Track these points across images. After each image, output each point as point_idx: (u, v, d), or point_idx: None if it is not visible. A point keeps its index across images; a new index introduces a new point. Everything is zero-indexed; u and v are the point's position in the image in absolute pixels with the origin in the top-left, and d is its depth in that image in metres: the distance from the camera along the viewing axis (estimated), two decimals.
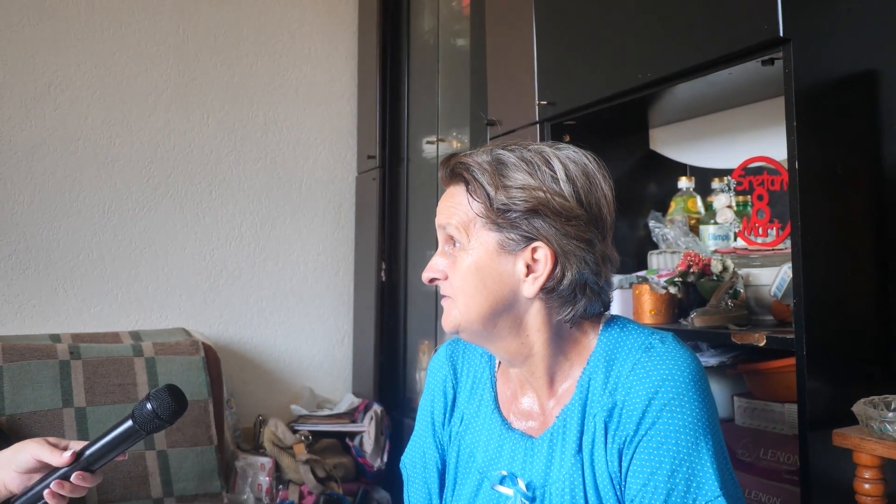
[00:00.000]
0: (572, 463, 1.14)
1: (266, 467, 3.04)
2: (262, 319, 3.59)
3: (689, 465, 1.06)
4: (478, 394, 1.31)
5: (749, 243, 1.89)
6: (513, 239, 1.14)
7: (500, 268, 1.15)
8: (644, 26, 1.89)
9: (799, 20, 1.50)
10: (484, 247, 1.15)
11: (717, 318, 1.79)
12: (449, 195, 1.20)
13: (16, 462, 1.34)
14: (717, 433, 1.10)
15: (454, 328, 1.20)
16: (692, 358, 1.13)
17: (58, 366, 2.64)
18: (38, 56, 3.21)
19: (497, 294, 1.16)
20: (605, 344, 1.19)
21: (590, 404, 1.15)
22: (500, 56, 2.56)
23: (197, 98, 3.49)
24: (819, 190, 1.52)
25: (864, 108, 1.61)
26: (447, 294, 1.20)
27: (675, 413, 1.08)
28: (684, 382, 1.09)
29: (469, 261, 1.16)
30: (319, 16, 3.77)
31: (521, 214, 1.13)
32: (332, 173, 3.78)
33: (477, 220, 1.15)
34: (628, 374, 1.13)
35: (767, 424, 1.85)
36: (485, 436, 1.26)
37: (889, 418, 1.30)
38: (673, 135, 2.44)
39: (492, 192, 1.13)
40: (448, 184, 1.21)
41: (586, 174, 1.17)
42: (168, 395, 1.30)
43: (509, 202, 1.12)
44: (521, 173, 1.14)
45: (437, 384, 1.36)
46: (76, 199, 3.26)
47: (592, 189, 1.17)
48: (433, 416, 1.36)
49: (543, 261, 1.14)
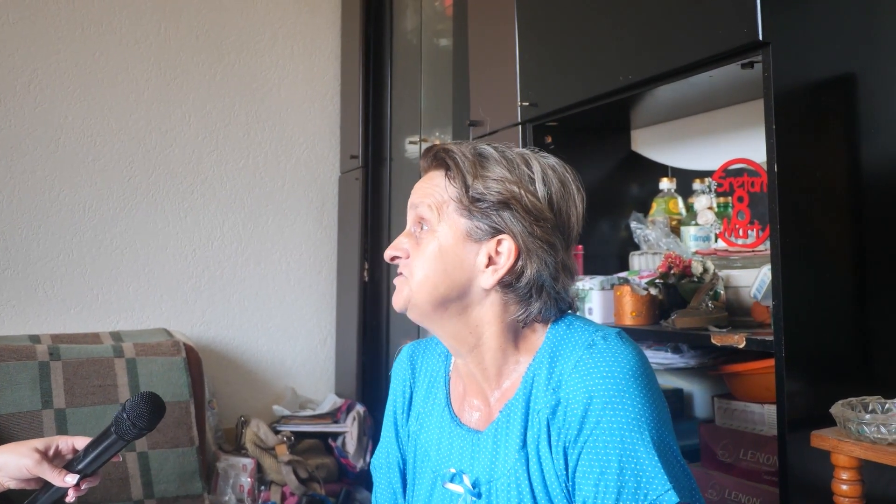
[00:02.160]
0: (516, 458, 1.15)
1: (248, 468, 3.03)
2: (244, 319, 3.58)
3: (636, 462, 1.07)
4: (433, 392, 1.33)
5: (729, 245, 1.90)
6: (481, 228, 1.17)
7: (463, 254, 1.18)
8: (626, 29, 1.90)
9: (778, 24, 1.51)
10: (452, 230, 1.18)
11: (698, 319, 1.79)
12: (427, 178, 1.24)
13: (8, 470, 1.37)
14: (661, 428, 1.10)
15: (404, 305, 1.22)
16: (634, 355, 1.14)
17: (37, 367, 2.62)
18: (18, 54, 3.19)
19: (454, 279, 1.18)
20: (550, 341, 1.19)
21: (533, 400, 1.16)
22: (483, 57, 2.56)
23: (178, 97, 3.48)
24: (798, 192, 1.53)
25: (843, 111, 1.62)
26: (402, 272, 1.23)
27: (616, 411, 1.08)
28: (624, 380, 1.09)
29: (434, 242, 1.19)
30: (302, 15, 3.76)
31: (493, 205, 1.16)
32: (314, 173, 3.77)
33: (451, 203, 1.18)
34: (570, 371, 1.13)
35: (747, 425, 1.87)
36: (436, 433, 1.28)
37: (866, 420, 1.31)
38: (654, 136, 2.45)
39: (469, 180, 1.17)
40: (428, 170, 1.25)
41: (562, 182, 1.21)
42: (142, 403, 1.32)
43: (485, 191, 1.16)
44: (500, 167, 1.18)
45: (399, 384, 1.39)
46: (56, 199, 3.24)
47: (565, 197, 1.21)
48: (395, 416, 1.38)
49: (506, 254, 1.16)
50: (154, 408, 1.33)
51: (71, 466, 1.38)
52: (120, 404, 2.61)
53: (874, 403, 1.39)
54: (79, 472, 1.37)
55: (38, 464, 1.36)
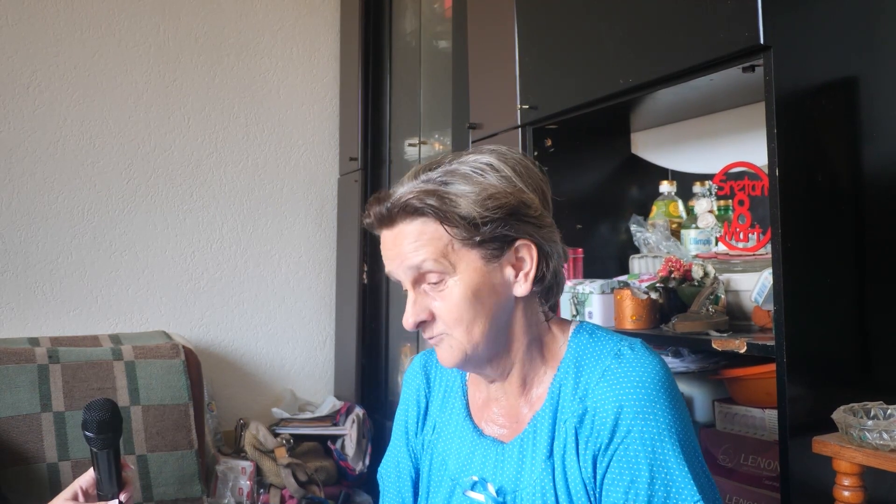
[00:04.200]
0: (542, 468, 1.14)
1: (247, 471, 3.03)
2: (243, 322, 3.58)
3: (666, 473, 1.07)
4: (450, 402, 1.32)
5: (730, 248, 1.89)
6: (495, 247, 1.13)
7: (492, 280, 1.14)
8: (626, 32, 1.89)
9: (779, 27, 1.50)
10: (471, 266, 1.12)
11: (698, 324, 1.79)
12: (400, 236, 1.14)
13: None
14: (689, 438, 1.11)
15: (459, 361, 1.16)
16: (661, 365, 1.14)
17: (36, 370, 2.62)
18: (17, 56, 3.18)
19: (496, 308, 1.15)
20: (574, 350, 1.19)
21: (560, 410, 1.16)
22: (483, 59, 2.55)
23: (178, 99, 3.47)
24: (799, 196, 1.52)
25: (844, 115, 1.62)
26: (438, 333, 1.16)
27: (648, 422, 1.08)
28: (654, 390, 1.10)
29: (462, 287, 1.12)
30: (301, 17, 3.76)
31: (499, 221, 1.11)
32: (313, 175, 3.76)
33: (454, 242, 1.11)
34: (598, 380, 1.13)
35: (748, 430, 1.86)
36: (456, 443, 1.26)
37: (868, 426, 1.30)
38: (655, 139, 2.44)
39: (464, 210, 1.10)
40: (391, 225, 1.15)
41: (526, 167, 1.18)
42: (89, 413, 1.32)
43: (485, 213, 1.10)
44: (472, 185, 1.12)
45: (411, 394, 1.37)
46: (55, 201, 3.23)
47: (536, 178, 1.19)
48: (407, 426, 1.36)
49: (529, 256, 1.15)
50: (97, 407, 1.32)
51: (102, 496, 1.40)
52: (121, 407, 2.62)
53: (876, 409, 1.38)
54: (113, 495, 1.38)
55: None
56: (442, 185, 1.12)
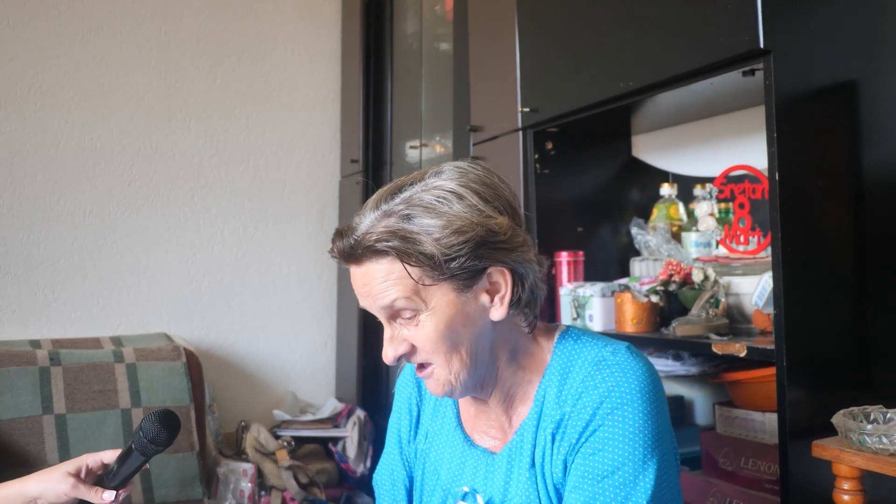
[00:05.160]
0: (527, 477, 1.15)
1: (248, 473, 3.03)
2: (244, 324, 3.58)
3: (625, 474, 1.06)
4: (440, 411, 1.31)
5: (731, 251, 1.89)
6: (466, 278, 1.10)
7: (467, 309, 1.12)
8: (627, 36, 1.89)
9: (779, 32, 1.51)
10: (445, 300, 1.10)
11: (699, 327, 1.79)
12: (368, 275, 1.10)
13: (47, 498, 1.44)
14: (663, 445, 1.10)
15: (447, 392, 1.16)
16: (644, 369, 1.13)
17: (37, 372, 2.62)
18: (19, 58, 3.19)
19: (474, 336, 1.13)
20: (559, 357, 1.18)
21: (543, 418, 1.16)
22: (483, 62, 2.55)
23: (179, 101, 3.47)
24: (799, 200, 1.52)
25: (844, 119, 1.62)
26: (424, 362, 1.15)
27: (617, 421, 1.08)
28: (630, 392, 1.09)
29: (435, 321, 1.10)
30: (302, 19, 3.76)
31: (467, 253, 1.07)
32: (315, 177, 3.77)
33: (423, 279, 1.08)
34: (577, 387, 1.12)
35: (748, 433, 1.86)
36: (448, 453, 1.26)
37: (868, 430, 1.30)
38: (655, 142, 2.45)
39: (429, 250, 1.06)
40: (357, 263, 1.11)
41: (488, 184, 1.13)
42: (157, 423, 1.37)
43: (450, 250, 1.07)
44: (436, 217, 1.08)
45: (403, 401, 1.37)
46: (56, 203, 3.23)
47: (501, 194, 1.14)
48: (399, 434, 1.36)
49: (503, 280, 1.12)
50: (169, 425, 1.38)
51: (103, 483, 1.45)
52: (122, 409, 2.62)
53: (876, 413, 1.38)
54: (113, 488, 1.44)
55: (74, 487, 1.42)
56: (405, 219, 1.08)
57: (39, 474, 1.47)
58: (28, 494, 1.44)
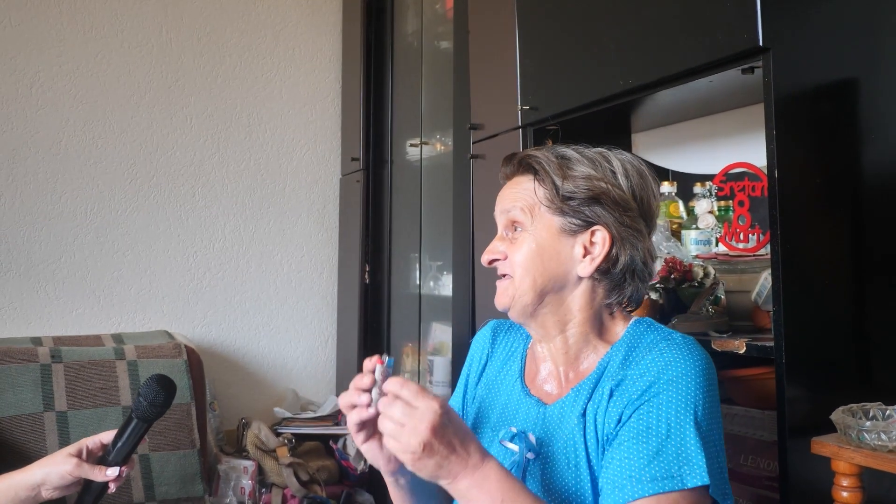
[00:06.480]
0: (575, 423, 1.22)
1: (249, 470, 3.03)
2: (245, 321, 3.58)
3: (682, 441, 1.11)
4: (508, 365, 1.42)
5: (730, 249, 1.89)
6: (574, 223, 1.25)
7: (559, 248, 1.26)
8: (626, 33, 1.89)
9: (778, 29, 1.50)
10: (546, 228, 1.26)
11: (698, 324, 1.79)
12: (514, 183, 1.31)
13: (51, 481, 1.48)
14: (712, 428, 1.15)
15: (508, 304, 1.29)
16: (707, 360, 1.21)
17: (39, 369, 2.63)
18: (20, 57, 3.19)
19: (552, 272, 1.26)
20: (631, 334, 1.28)
21: (604, 378, 1.23)
22: (484, 60, 2.55)
23: (180, 99, 3.48)
24: (799, 197, 1.52)
25: (844, 116, 1.61)
26: (506, 272, 1.29)
27: (679, 391, 1.14)
28: (693, 370, 1.17)
29: (530, 241, 1.27)
30: (303, 17, 3.76)
31: (583, 201, 1.24)
32: (315, 175, 3.77)
33: (541, 204, 1.26)
34: (644, 354, 1.21)
35: (747, 431, 1.86)
36: (503, 399, 1.37)
37: (867, 427, 1.30)
38: (655, 139, 2.45)
39: (558, 181, 1.25)
40: (512, 176, 1.33)
41: (640, 174, 1.30)
42: (155, 384, 1.47)
43: (575, 189, 1.24)
44: (584, 166, 1.27)
45: (477, 351, 1.50)
46: (58, 201, 3.24)
47: (645, 188, 1.29)
48: (468, 378, 1.49)
49: (601, 243, 1.25)
50: (166, 385, 1.47)
51: (105, 461, 1.50)
52: (123, 406, 2.63)
53: (875, 410, 1.38)
54: (116, 463, 1.49)
55: (77, 466, 1.47)
56: (561, 157, 1.28)
57: (41, 461, 1.51)
58: (32, 482, 1.47)
